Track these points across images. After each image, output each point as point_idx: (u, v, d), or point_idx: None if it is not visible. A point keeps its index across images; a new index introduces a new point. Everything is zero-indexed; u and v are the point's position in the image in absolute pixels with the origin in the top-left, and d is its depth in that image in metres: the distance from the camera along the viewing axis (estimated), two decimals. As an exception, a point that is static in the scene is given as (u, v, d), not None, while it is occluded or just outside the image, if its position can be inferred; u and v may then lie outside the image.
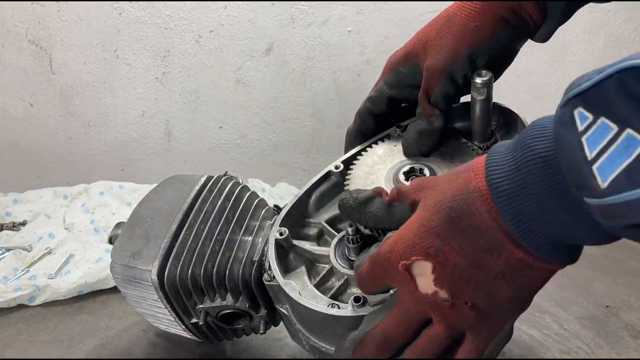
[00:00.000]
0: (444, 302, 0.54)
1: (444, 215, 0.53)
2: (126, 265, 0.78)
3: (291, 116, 1.82)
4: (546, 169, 0.47)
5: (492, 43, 0.69)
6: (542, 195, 0.47)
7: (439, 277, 0.54)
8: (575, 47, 1.84)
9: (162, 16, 1.66)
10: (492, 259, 0.52)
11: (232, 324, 0.84)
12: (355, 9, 1.69)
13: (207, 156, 1.85)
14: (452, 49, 0.70)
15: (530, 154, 0.48)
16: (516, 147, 0.50)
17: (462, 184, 0.53)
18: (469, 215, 0.52)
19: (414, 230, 0.55)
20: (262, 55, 1.73)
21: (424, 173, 0.75)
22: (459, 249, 0.52)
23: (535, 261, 0.51)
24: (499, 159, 0.51)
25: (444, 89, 0.72)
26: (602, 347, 0.98)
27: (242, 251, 0.81)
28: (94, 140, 1.79)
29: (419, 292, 0.55)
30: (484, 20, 0.69)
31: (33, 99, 1.72)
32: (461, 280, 0.53)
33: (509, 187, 0.49)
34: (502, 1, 0.68)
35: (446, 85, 0.72)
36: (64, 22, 1.63)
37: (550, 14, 0.69)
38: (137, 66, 1.71)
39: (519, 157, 0.49)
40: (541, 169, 0.47)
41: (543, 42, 0.74)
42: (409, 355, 0.59)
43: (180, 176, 0.90)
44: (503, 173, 0.50)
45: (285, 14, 1.68)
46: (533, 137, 0.48)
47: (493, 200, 0.50)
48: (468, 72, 0.71)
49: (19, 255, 1.26)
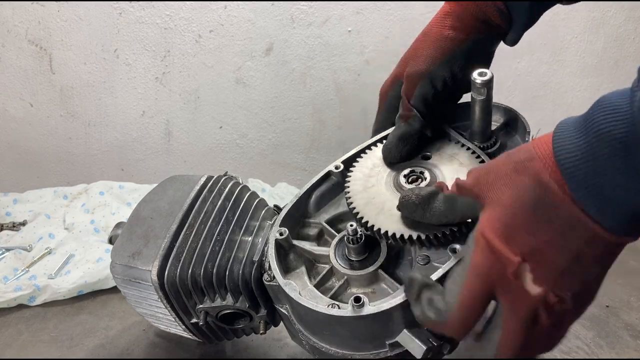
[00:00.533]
0: (553, 300, 0.54)
1: (527, 212, 0.53)
2: (126, 265, 0.78)
3: (291, 116, 1.82)
4: (625, 152, 0.46)
5: (467, 48, 0.74)
6: (623, 179, 0.46)
7: (538, 275, 0.53)
8: (575, 47, 1.84)
9: (162, 16, 1.66)
10: (584, 248, 0.52)
11: (232, 324, 0.84)
12: (355, 9, 1.69)
13: (207, 156, 1.85)
14: (429, 56, 0.75)
15: (607, 137, 0.46)
16: (588, 130, 0.49)
17: (533, 176, 0.52)
18: (553, 208, 0.51)
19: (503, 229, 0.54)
20: (262, 55, 1.73)
21: (424, 176, 0.75)
22: (552, 243, 0.52)
23: (622, 240, 0.51)
24: (569, 143, 0.50)
25: (423, 91, 0.75)
26: (602, 347, 0.98)
27: (242, 251, 0.81)
28: (94, 140, 1.79)
29: (527, 294, 0.54)
30: (456, 29, 0.74)
31: (33, 99, 1.72)
32: (560, 273, 0.53)
33: (586, 172, 0.48)
34: (471, 13, 0.74)
35: (425, 87, 0.75)
36: (64, 22, 1.63)
37: (515, 21, 0.74)
38: (137, 66, 1.71)
39: (594, 141, 0.48)
40: (619, 151, 0.46)
41: (512, 45, 0.79)
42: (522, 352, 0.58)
43: (180, 176, 0.90)
44: (577, 160, 0.49)
45: (285, 14, 1.68)
46: (606, 119, 0.47)
47: (571, 190, 0.49)
48: (447, 77, 0.75)
49: (19, 255, 1.26)
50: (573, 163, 0.49)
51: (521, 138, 0.81)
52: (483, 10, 0.73)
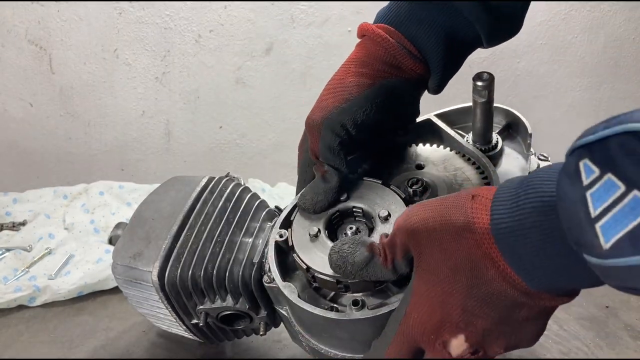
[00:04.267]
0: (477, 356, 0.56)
1: (463, 288, 0.53)
2: (127, 266, 0.79)
3: (291, 116, 1.81)
4: (547, 214, 0.45)
5: (372, 93, 0.70)
6: (541, 241, 0.46)
7: (472, 342, 0.55)
8: (575, 47, 1.84)
9: (162, 16, 1.66)
10: (514, 312, 0.53)
11: (232, 325, 0.84)
12: (355, 9, 1.69)
13: (207, 156, 1.85)
14: (325, 105, 0.70)
15: (533, 213, 0.46)
16: (519, 202, 0.48)
17: (468, 250, 0.51)
18: (487, 284, 0.51)
19: (438, 306, 0.55)
20: (262, 55, 1.73)
21: (426, 185, 0.75)
22: (486, 315, 0.53)
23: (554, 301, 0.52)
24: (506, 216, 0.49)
25: (326, 142, 0.70)
26: (601, 347, 0.98)
27: (243, 253, 0.81)
28: (94, 140, 1.79)
29: (452, 357, 0.57)
30: (361, 75, 0.70)
31: (33, 99, 1.71)
32: (493, 337, 0.55)
33: (514, 243, 0.48)
34: (378, 58, 0.70)
35: (327, 137, 0.70)
36: (64, 22, 1.63)
37: (432, 65, 0.70)
38: (137, 66, 1.70)
39: (524, 216, 0.47)
40: (541, 213, 0.46)
41: (435, 93, 0.75)
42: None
43: (182, 177, 0.90)
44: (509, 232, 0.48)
45: (285, 14, 1.68)
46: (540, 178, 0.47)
47: (508, 264, 0.49)
48: (348, 125, 0.69)
49: (19, 255, 1.26)
50: (506, 238, 0.49)
51: (523, 140, 0.81)
52: (392, 54, 0.70)
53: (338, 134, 0.70)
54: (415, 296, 0.57)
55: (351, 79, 0.71)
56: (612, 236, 0.38)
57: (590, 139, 0.40)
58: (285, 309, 0.78)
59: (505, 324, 0.54)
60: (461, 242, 0.52)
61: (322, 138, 0.71)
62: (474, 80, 0.70)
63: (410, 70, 0.71)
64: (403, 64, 0.70)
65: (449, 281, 0.54)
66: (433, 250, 0.55)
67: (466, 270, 0.52)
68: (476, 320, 0.54)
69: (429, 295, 0.56)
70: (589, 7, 1.79)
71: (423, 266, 0.56)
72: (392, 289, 0.69)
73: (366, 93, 0.70)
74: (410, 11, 0.69)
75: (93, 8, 1.62)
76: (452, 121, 0.86)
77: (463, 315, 0.54)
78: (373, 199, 0.73)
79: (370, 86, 0.70)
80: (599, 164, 0.39)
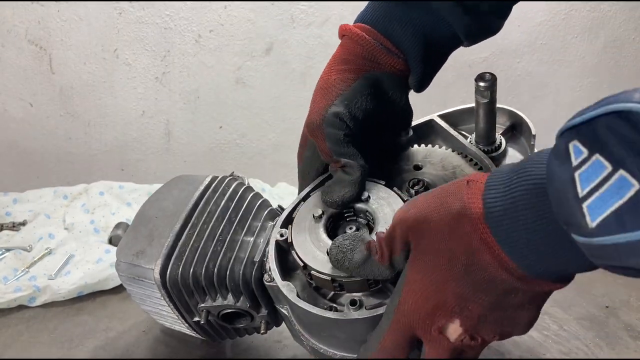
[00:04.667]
0: (475, 343, 0.56)
1: (458, 274, 0.53)
2: (130, 263, 0.79)
3: (291, 116, 1.82)
4: (539, 196, 0.46)
5: (360, 86, 0.72)
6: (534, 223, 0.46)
7: (466, 327, 0.55)
8: (575, 47, 1.85)
9: (162, 16, 1.66)
10: (509, 298, 0.53)
11: (233, 323, 0.84)
12: (355, 9, 1.68)
13: (207, 156, 1.85)
14: (317, 106, 0.73)
15: (526, 196, 0.47)
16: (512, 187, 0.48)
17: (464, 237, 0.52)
18: (482, 270, 0.52)
19: (433, 292, 0.56)
20: (262, 55, 1.73)
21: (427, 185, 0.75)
22: (481, 301, 0.53)
23: (548, 286, 0.52)
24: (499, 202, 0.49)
25: (332, 138, 0.71)
26: (601, 347, 0.98)
27: (244, 251, 0.81)
28: (94, 140, 1.79)
29: (450, 343, 0.57)
30: (344, 72, 0.73)
31: (33, 99, 1.72)
32: (487, 323, 0.55)
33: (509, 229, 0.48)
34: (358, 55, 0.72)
35: (331, 134, 0.71)
36: (64, 22, 1.63)
37: (410, 61, 0.71)
38: (137, 66, 1.71)
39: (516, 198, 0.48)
40: (533, 195, 0.46)
41: (417, 91, 0.75)
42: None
43: (186, 176, 0.91)
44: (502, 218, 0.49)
45: (285, 14, 1.68)
46: (532, 161, 0.47)
47: (502, 249, 0.49)
48: (344, 117, 0.71)
49: (19, 255, 1.26)
50: (500, 221, 0.49)
51: (527, 141, 0.81)
52: (369, 51, 0.71)
53: (340, 127, 0.71)
54: (410, 284, 0.58)
55: (336, 76, 0.73)
56: (599, 215, 0.39)
57: (579, 120, 0.41)
58: (286, 308, 0.78)
59: (499, 310, 0.54)
60: (458, 227, 0.52)
61: (327, 136, 0.72)
62: (476, 81, 0.70)
63: (390, 65, 0.72)
64: (381, 59, 0.72)
65: (445, 267, 0.54)
66: (430, 237, 0.55)
67: (462, 256, 0.53)
68: (471, 305, 0.54)
69: (423, 282, 0.57)
70: (589, 7, 1.80)
71: (419, 254, 0.57)
72: (390, 288, 0.69)
73: (353, 87, 0.72)
74: (387, 10, 0.71)
75: (93, 8, 1.62)
76: (455, 122, 0.86)
77: (458, 300, 0.54)
78: (375, 200, 0.73)
79: (355, 80, 0.72)
80: (588, 144, 0.40)
